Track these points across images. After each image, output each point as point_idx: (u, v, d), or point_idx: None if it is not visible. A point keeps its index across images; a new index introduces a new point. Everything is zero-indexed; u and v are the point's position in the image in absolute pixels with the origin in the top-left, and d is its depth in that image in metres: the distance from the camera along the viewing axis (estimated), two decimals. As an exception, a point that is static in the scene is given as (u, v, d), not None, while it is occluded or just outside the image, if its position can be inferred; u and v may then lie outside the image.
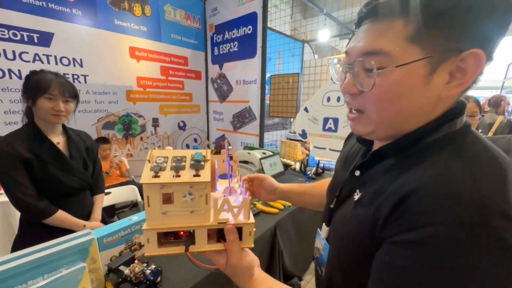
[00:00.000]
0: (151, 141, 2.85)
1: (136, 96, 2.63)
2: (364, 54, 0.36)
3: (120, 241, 0.97)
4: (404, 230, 0.31)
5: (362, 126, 0.41)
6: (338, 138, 2.18)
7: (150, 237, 0.41)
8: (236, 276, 0.45)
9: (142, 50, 2.59)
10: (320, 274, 0.53)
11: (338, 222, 0.47)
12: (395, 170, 0.38)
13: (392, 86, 0.35)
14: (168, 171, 0.41)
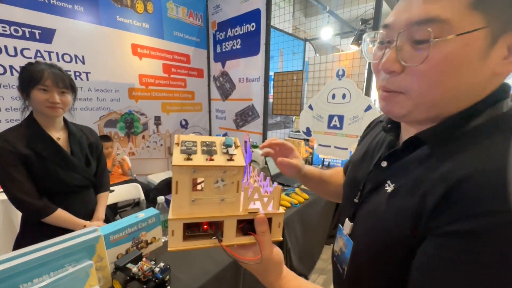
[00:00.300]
0: (153, 140, 2.82)
1: (138, 94, 2.60)
2: (415, 23, 0.32)
3: (126, 239, 0.95)
4: (459, 219, 0.28)
5: (397, 107, 0.37)
6: (344, 135, 2.15)
7: (175, 229, 0.37)
8: (266, 272, 0.40)
9: (144, 47, 2.56)
10: (342, 273, 0.50)
11: (368, 216, 0.44)
12: (435, 157, 0.35)
13: (447, 59, 0.31)
14: (200, 154, 0.38)
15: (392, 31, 0.36)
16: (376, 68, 0.40)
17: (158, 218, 1.06)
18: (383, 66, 0.36)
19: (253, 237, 0.40)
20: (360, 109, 2.03)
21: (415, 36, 0.33)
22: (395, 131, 0.48)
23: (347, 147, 2.16)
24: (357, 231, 0.47)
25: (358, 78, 2.08)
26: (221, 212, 0.39)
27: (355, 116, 2.06)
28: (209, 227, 0.40)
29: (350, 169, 0.58)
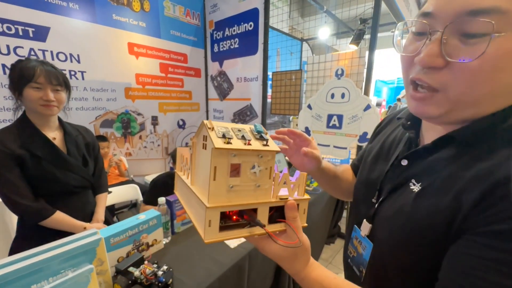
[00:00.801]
0: (150, 140, 2.78)
1: (135, 93, 2.56)
2: (469, 13, 0.28)
3: (127, 241, 0.93)
4: (504, 219, 0.27)
5: (433, 107, 0.34)
6: (343, 135, 2.15)
7: (213, 219, 0.34)
8: (296, 259, 0.38)
9: (141, 46, 2.52)
10: (359, 275, 0.49)
11: (393, 217, 0.41)
12: (469, 156, 0.34)
13: (504, 57, 0.28)
14: (236, 139, 0.36)
15: (435, 20, 0.32)
16: (408, 61, 0.37)
17: (159, 220, 1.03)
18: (423, 61, 0.33)
19: (283, 224, 0.39)
20: (359, 108, 2.03)
21: (467, 28, 0.29)
22: (415, 128, 0.46)
23: (346, 146, 2.16)
24: (379, 233, 0.45)
25: (357, 77, 2.08)
26: (256, 198, 0.38)
27: (354, 116, 2.06)
28: (239, 217, 0.38)
29: (364, 168, 0.56)
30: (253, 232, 0.37)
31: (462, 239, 0.30)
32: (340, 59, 2.23)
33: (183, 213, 1.22)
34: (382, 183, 0.46)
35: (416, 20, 0.35)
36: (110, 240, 0.87)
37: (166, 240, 1.11)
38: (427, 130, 0.43)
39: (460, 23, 0.29)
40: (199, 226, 0.37)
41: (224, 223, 0.36)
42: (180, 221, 1.21)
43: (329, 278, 0.38)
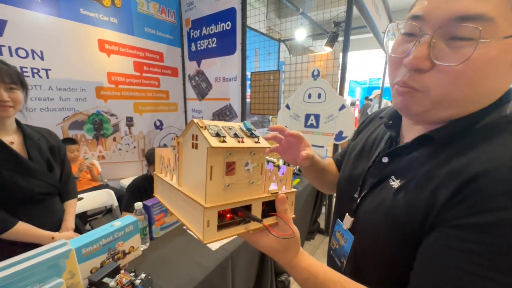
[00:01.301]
0: (125, 142, 2.66)
1: (107, 93, 2.42)
2: (458, 18, 0.30)
3: (101, 251, 0.88)
4: (475, 213, 0.29)
5: (415, 104, 0.36)
6: (320, 134, 2.22)
7: (211, 219, 0.34)
8: (287, 250, 0.39)
9: (112, 43, 2.39)
10: (340, 266, 0.51)
11: (373, 211, 0.43)
12: (444, 154, 0.36)
13: (489, 62, 0.30)
14: (229, 137, 0.36)
15: (425, 24, 0.33)
16: (396, 62, 0.38)
17: (136, 226, 0.99)
18: (412, 63, 0.34)
19: (275, 217, 0.41)
20: (335, 108, 2.11)
21: (455, 32, 0.30)
22: (396, 127, 0.48)
23: (323, 144, 2.23)
24: (360, 226, 0.47)
25: (332, 78, 2.16)
26: (250, 195, 0.38)
27: (330, 115, 2.14)
28: (233, 214, 0.38)
29: (347, 164, 0.58)
30: (249, 228, 0.38)
31: (436, 231, 0.32)
32: (316, 60, 2.29)
33: (162, 217, 1.18)
34: (364, 179, 0.48)
35: (407, 22, 0.36)
36: (82, 251, 0.82)
37: (144, 246, 1.07)
38: (407, 129, 0.46)
39: (448, 28, 0.31)
40: (195, 228, 0.37)
41: (220, 222, 0.37)
42: (159, 225, 1.18)
43: (317, 267, 0.40)
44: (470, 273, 0.28)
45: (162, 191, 0.50)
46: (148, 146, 2.88)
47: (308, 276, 0.39)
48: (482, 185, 0.29)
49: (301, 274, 0.39)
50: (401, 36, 0.38)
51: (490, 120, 0.35)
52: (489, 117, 0.35)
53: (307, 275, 0.39)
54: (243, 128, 0.41)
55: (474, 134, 0.35)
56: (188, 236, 1.16)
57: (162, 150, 0.51)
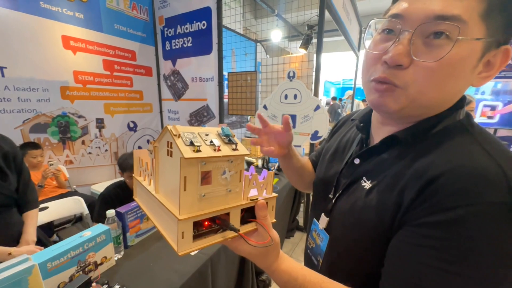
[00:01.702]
0: (96, 145, 2.51)
1: (74, 93, 2.27)
2: (436, 17, 0.32)
3: (70, 264, 0.83)
4: (435, 212, 0.31)
5: (392, 101, 0.37)
6: (297, 134, 2.28)
7: (185, 230, 0.33)
8: (267, 255, 0.39)
9: (79, 40, 2.24)
10: (317, 264, 0.53)
11: (347, 211, 0.45)
12: (410, 155, 0.38)
13: (458, 62, 0.32)
14: (205, 146, 0.35)
15: (405, 22, 0.34)
16: (373, 59, 0.39)
17: (109, 235, 0.95)
18: (392, 59, 0.35)
19: (254, 223, 0.40)
20: (310, 108, 2.18)
21: (434, 29, 0.32)
22: (367, 129, 0.50)
23: (300, 144, 2.29)
24: (335, 225, 0.48)
25: (307, 79, 2.23)
26: (228, 203, 0.38)
27: (306, 116, 2.20)
28: (211, 222, 0.37)
29: (322, 165, 0.60)
30: (226, 236, 0.38)
31: (403, 229, 0.35)
32: (291, 61, 2.35)
33: (137, 223, 1.14)
34: (338, 180, 0.50)
35: (388, 19, 0.37)
36: (47, 265, 0.77)
37: (118, 255, 1.03)
38: (376, 131, 0.48)
39: (428, 25, 0.33)
40: (170, 238, 0.36)
41: (197, 232, 0.36)
42: (134, 233, 1.13)
43: (297, 269, 0.40)
44: (431, 266, 0.31)
45: (141, 195, 0.49)
46: (121, 149, 2.75)
47: (288, 279, 0.39)
48: (439, 186, 0.32)
49: (281, 277, 0.40)
50: (379, 35, 0.39)
51: (447, 123, 0.38)
52: (446, 121, 0.38)
53: (287, 278, 0.39)
54: (221, 134, 0.39)
55: (434, 136, 0.38)
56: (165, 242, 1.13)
57: (141, 152, 0.49)
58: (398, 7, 0.36)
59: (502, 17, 0.32)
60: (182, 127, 0.37)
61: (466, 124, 0.38)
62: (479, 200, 0.29)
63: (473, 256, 0.29)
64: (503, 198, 0.29)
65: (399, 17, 0.35)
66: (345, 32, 2.83)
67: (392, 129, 0.43)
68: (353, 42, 3.47)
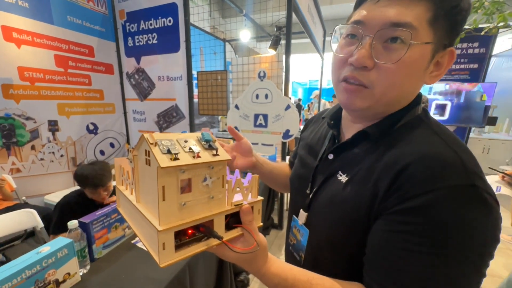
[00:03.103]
0: (49, 150, 2.24)
1: (19, 92, 2.00)
2: (392, 24, 0.36)
3: (25, 285, 0.74)
4: (407, 199, 0.34)
5: (360, 101, 0.41)
6: (269, 133, 2.32)
7: (166, 241, 0.32)
8: (255, 259, 0.39)
9: (23, 32, 1.98)
10: (299, 260, 0.54)
11: (326, 204, 0.47)
12: (380, 149, 0.41)
13: (413, 63, 0.37)
14: (183, 153, 0.34)
15: (365, 28, 0.38)
16: (341, 61, 0.42)
17: (72, 248, 0.86)
18: (357, 61, 0.39)
19: (240, 228, 0.40)
20: (281, 108, 2.23)
21: (391, 35, 0.37)
22: (337, 126, 0.53)
23: (273, 143, 2.34)
24: (314, 220, 0.50)
25: (277, 79, 2.28)
26: (210, 210, 0.37)
27: (277, 115, 2.26)
28: (194, 230, 0.36)
29: (296, 164, 0.62)
30: (211, 244, 0.37)
31: (381, 218, 0.37)
32: (261, 62, 2.38)
33: (105, 233, 1.06)
34: (314, 176, 0.52)
35: (351, 25, 0.41)
36: (-2, 289, 0.67)
37: (83, 270, 0.94)
38: (347, 127, 0.51)
39: (386, 31, 0.37)
40: (151, 250, 0.35)
41: (180, 241, 0.35)
42: (101, 244, 1.05)
43: (286, 270, 0.41)
44: (409, 250, 0.33)
45: (124, 205, 0.47)
46: (80, 153, 2.50)
47: (278, 281, 0.40)
48: (408, 175, 0.35)
49: (272, 280, 0.40)
50: (344, 40, 0.43)
51: (408, 119, 0.42)
52: (407, 116, 0.42)
53: (277, 281, 0.40)
54: (201, 140, 0.39)
55: (398, 130, 0.42)
56: (138, 251, 1.07)
57: (122, 160, 0.47)
58: (359, 14, 0.40)
59: (445, 23, 0.37)
60: (160, 134, 0.36)
61: (424, 118, 0.43)
62: (443, 184, 0.33)
63: (444, 235, 0.32)
64: (462, 181, 0.33)
65: (360, 23, 0.39)
66: (310, 34, 2.96)
67: (360, 126, 0.46)
68: (318, 45, 3.64)
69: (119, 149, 2.92)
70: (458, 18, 0.37)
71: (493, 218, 0.33)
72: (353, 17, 0.42)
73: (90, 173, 1.34)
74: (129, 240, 1.15)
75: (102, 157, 2.74)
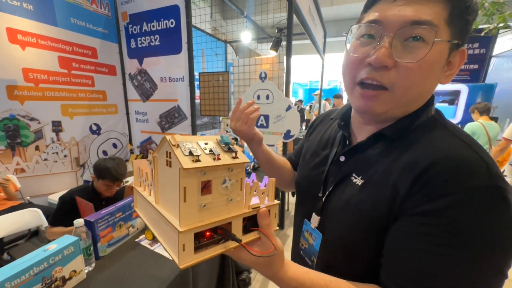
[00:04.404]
0: (52, 150, 2.26)
1: (24, 93, 2.02)
2: (413, 22, 0.35)
3: (33, 282, 0.76)
4: (429, 201, 0.34)
5: (380, 105, 0.40)
6: (270, 133, 2.33)
7: (187, 242, 0.32)
8: (272, 264, 0.39)
9: (28, 34, 2.01)
10: (311, 264, 0.53)
11: (340, 208, 0.46)
12: (396, 150, 0.40)
13: (434, 62, 0.36)
14: (204, 155, 0.35)
15: (384, 27, 0.37)
16: (357, 62, 0.41)
17: (78, 246, 0.88)
18: (377, 60, 0.37)
19: (257, 232, 0.40)
20: (282, 108, 2.25)
21: (411, 33, 0.36)
22: (348, 127, 0.51)
23: (274, 143, 2.35)
24: (328, 223, 0.48)
25: (278, 80, 2.30)
26: (229, 212, 0.37)
27: (278, 115, 2.27)
28: (212, 232, 0.36)
29: (304, 164, 0.61)
30: (229, 246, 0.37)
31: (401, 219, 0.36)
32: (262, 63, 2.40)
33: (109, 232, 1.07)
34: (326, 178, 0.51)
35: (368, 25, 0.40)
36: (6, 285, 0.69)
37: (89, 268, 0.95)
38: (358, 129, 0.50)
39: (406, 30, 0.36)
40: (171, 250, 0.35)
41: (199, 243, 0.35)
42: (106, 242, 1.06)
43: (303, 274, 0.40)
44: (429, 251, 0.33)
45: (142, 206, 0.47)
46: (83, 154, 2.52)
47: (295, 286, 0.39)
48: (430, 177, 0.34)
49: (289, 285, 0.39)
50: (358, 40, 0.42)
51: (423, 119, 0.41)
52: (422, 117, 0.41)
53: (294, 285, 0.39)
54: (221, 142, 0.39)
55: (413, 132, 0.41)
56: (142, 249, 1.08)
57: (141, 162, 0.48)
58: (374, 14, 0.39)
59: (459, 23, 0.37)
60: (181, 136, 0.36)
61: (439, 118, 0.42)
62: (466, 186, 0.32)
63: (466, 237, 0.32)
64: (486, 182, 0.32)
65: (378, 23, 0.38)
66: (311, 36, 2.98)
67: (373, 127, 0.45)
68: (319, 46, 3.66)
69: (121, 150, 2.94)
70: (470, 18, 0.37)
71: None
72: (366, 17, 0.41)
73: (112, 166, 1.39)
74: (133, 238, 1.17)
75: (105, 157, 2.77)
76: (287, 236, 2.53)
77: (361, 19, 0.42)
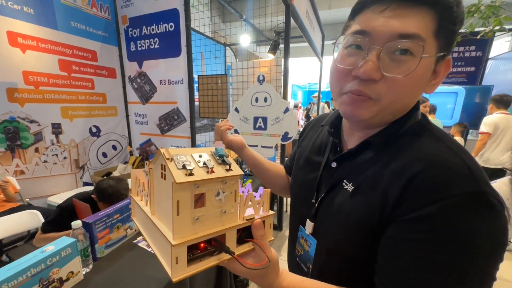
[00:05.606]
0: (52, 152, 2.28)
1: (24, 95, 2.04)
2: (400, 36, 0.35)
3: (30, 283, 0.77)
4: (418, 207, 0.34)
5: (365, 111, 0.40)
6: (268, 135, 2.35)
7: (179, 255, 0.33)
8: (267, 275, 0.39)
9: (29, 37, 2.03)
10: (307, 271, 0.53)
11: (332, 213, 0.46)
12: (385, 156, 0.41)
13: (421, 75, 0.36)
14: (198, 168, 0.35)
15: (372, 39, 0.37)
16: (344, 72, 0.41)
17: (75, 247, 0.89)
18: (365, 73, 0.37)
19: (251, 243, 0.40)
20: (280, 111, 2.27)
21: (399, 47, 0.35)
22: (338, 134, 0.52)
23: (272, 145, 2.37)
24: (322, 229, 0.49)
25: (276, 83, 2.32)
26: (223, 224, 0.37)
27: (276, 118, 2.29)
28: (206, 244, 0.37)
29: (297, 171, 0.61)
30: (222, 258, 0.37)
31: (392, 226, 0.37)
32: (260, 66, 2.42)
33: (107, 233, 1.08)
34: (319, 184, 0.51)
35: (356, 36, 0.39)
36: (3, 287, 0.70)
37: (86, 269, 0.96)
38: (348, 136, 0.50)
39: (394, 43, 0.35)
40: (164, 262, 0.36)
41: (192, 255, 0.35)
42: (103, 243, 1.07)
43: (298, 283, 0.40)
44: (421, 258, 0.33)
45: (139, 216, 0.48)
46: (83, 156, 2.53)
47: None
48: (419, 184, 0.35)
49: None
50: (346, 50, 0.41)
51: (409, 125, 0.41)
52: (409, 122, 0.42)
53: None
54: (215, 155, 0.39)
55: (401, 138, 0.41)
56: (139, 250, 1.09)
57: (138, 172, 0.48)
58: (363, 24, 0.38)
59: (446, 33, 0.36)
60: (175, 149, 0.37)
61: (425, 123, 0.42)
62: (452, 192, 0.33)
63: (455, 242, 0.32)
64: (471, 188, 0.33)
65: (366, 34, 0.38)
66: (309, 39, 3.00)
67: (362, 134, 0.46)
68: (317, 49, 3.68)
69: (121, 152, 2.95)
70: (456, 28, 0.37)
71: (501, 222, 0.33)
72: (353, 26, 0.40)
73: (114, 192, 1.35)
74: (130, 240, 1.18)
75: (105, 159, 2.78)
76: (286, 238, 2.54)
77: (348, 27, 0.42)
